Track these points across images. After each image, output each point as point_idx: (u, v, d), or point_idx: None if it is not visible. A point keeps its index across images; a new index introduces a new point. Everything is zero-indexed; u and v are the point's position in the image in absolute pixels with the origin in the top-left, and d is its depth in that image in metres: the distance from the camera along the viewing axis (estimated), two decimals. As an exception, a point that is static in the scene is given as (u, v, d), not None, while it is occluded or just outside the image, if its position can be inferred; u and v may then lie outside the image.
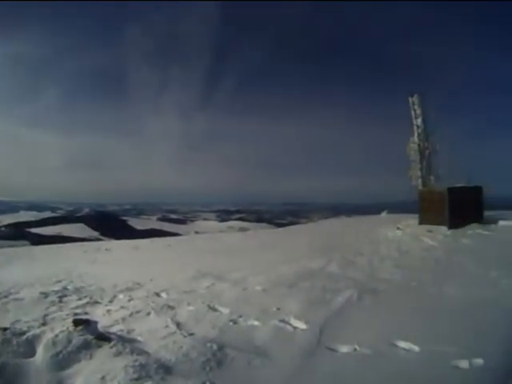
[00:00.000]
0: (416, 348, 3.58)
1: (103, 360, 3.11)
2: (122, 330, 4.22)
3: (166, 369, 3.06)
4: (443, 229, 12.17)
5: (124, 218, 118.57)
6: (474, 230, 11.69)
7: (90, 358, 3.17)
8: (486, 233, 11.29)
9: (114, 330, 4.22)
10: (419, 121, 15.16)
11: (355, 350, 3.62)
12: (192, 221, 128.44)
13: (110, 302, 6.00)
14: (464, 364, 3.23)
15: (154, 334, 4.07)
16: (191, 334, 4.01)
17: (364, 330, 4.10)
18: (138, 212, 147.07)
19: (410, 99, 15.38)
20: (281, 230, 22.39)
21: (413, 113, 15.28)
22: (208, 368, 3.15)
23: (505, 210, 20.45)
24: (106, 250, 14.40)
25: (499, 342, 3.67)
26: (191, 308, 5.15)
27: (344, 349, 3.66)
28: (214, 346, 3.58)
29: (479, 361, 3.25)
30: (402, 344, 3.66)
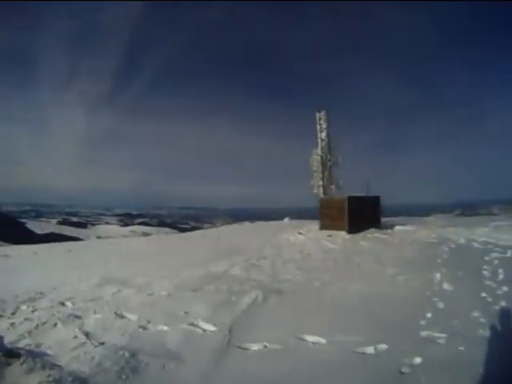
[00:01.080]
0: (323, 340, 3.87)
1: (15, 379, 2.94)
2: (29, 344, 3.98)
3: (82, 381, 3.00)
4: (343, 233, 12.91)
5: (22, 220, 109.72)
6: (372, 234, 12.64)
7: (1, 378, 2.95)
8: (383, 236, 12.23)
9: (21, 344, 3.99)
10: (324, 134, 16.07)
11: (265, 346, 3.81)
12: (93, 224, 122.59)
13: (13, 314, 5.50)
14: (370, 350, 3.62)
15: (64, 345, 3.90)
16: (102, 343, 3.90)
17: (272, 328, 4.28)
18: (37, 214, 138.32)
19: (318, 114, 16.25)
20: (184, 234, 22.13)
21: (318, 127, 16.16)
22: (124, 376, 3.15)
23: (404, 216, 23.05)
24: (5, 256, 12.89)
25: (399, 329, 4.12)
26: (98, 316, 4.96)
27: (254, 347, 3.82)
28: (127, 354, 3.56)
29: (384, 346, 3.68)
30: (310, 338, 3.92)
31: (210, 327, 4.38)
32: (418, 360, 3.41)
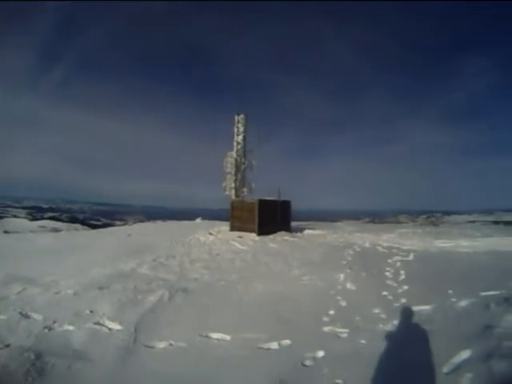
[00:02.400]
0: (227, 337, 4.03)
1: None
2: None
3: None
4: (253, 235, 13.22)
5: None
6: (281, 237, 13.14)
7: None
8: (293, 239, 12.77)
9: None
10: (240, 138, 16.38)
11: (171, 344, 3.90)
12: (1, 217, 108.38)
13: None
14: (274, 346, 3.83)
15: (-33, 349, 3.64)
16: (7, 346, 3.74)
17: (178, 326, 4.36)
18: None
19: (236, 117, 16.49)
20: (94, 231, 20.93)
21: (236, 130, 16.41)
22: (30, 379, 3.10)
23: (316, 221, 24.36)
24: None
25: (302, 326, 4.37)
26: (3, 317, 4.68)
27: (161, 345, 3.91)
28: (32, 355, 3.47)
29: (287, 341, 3.90)
30: (215, 335, 4.07)
31: (115, 326, 4.37)
32: (320, 353, 3.62)
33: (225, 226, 15.39)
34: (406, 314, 4.83)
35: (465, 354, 3.44)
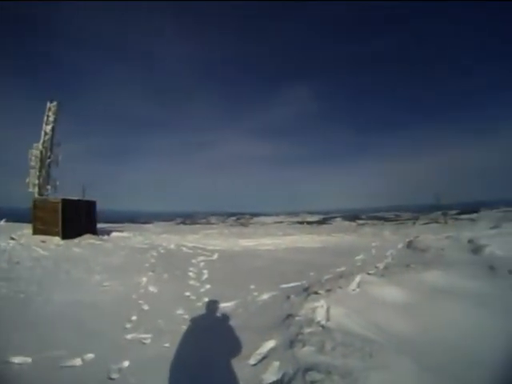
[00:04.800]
0: (29, 359, 3.59)
1: None
2: None
3: None
4: (57, 239, 12.34)
5: None
6: (87, 241, 12.56)
7: None
8: (98, 242, 12.39)
9: None
10: (49, 128, 14.81)
11: None
12: None
13: None
14: (77, 362, 3.54)
15: None
16: None
17: None
18: None
19: (48, 104, 14.78)
20: None
21: (45, 118, 14.76)
22: None
23: (126, 223, 23.33)
24: None
25: (105, 336, 4.19)
26: None
27: None
28: None
29: (91, 355, 3.67)
30: (16, 359, 3.58)
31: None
32: (126, 363, 3.51)
33: (28, 229, 13.76)
34: (209, 312, 5.02)
35: (269, 344, 3.67)
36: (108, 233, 14.65)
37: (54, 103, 15.11)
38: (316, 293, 5.32)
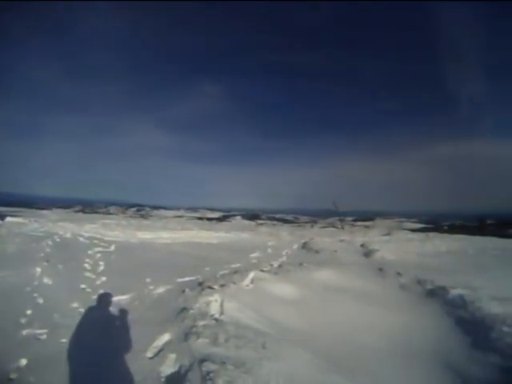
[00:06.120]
0: None
1: None
2: None
3: None
4: None
5: None
6: None
7: None
8: None
9: None
10: None
11: None
12: None
13: None
14: None
15: None
16: None
17: None
18: None
19: None
20: None
21: None
22: None
23: (23, 207, 21.23)
24: None
25: None
26: None
27: None
28: None
29: None
30: None
31: None
32: (23, 362, 3.40)
33: None
34: (104, 305, 4.93)
35: (165, 337, 3.73)
36: (2, 217, 13.23)
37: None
38: (210, 287, 5.49)
